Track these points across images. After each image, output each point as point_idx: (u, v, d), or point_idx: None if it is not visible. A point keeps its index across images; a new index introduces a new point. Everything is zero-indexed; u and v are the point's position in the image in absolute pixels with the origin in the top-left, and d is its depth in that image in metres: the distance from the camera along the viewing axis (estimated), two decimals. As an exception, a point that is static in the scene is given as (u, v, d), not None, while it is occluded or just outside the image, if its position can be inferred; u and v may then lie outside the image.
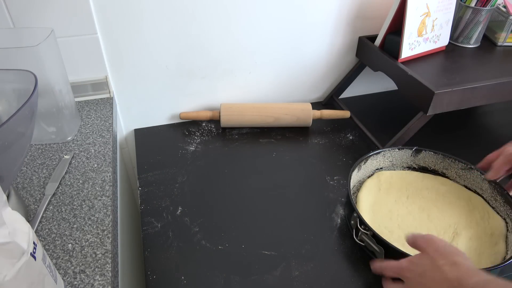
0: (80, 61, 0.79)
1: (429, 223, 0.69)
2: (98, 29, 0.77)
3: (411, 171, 0.80)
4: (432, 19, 0.87)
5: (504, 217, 0.68)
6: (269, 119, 0.93)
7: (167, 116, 0.97)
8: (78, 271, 0.50)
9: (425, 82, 0.77)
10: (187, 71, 0.91)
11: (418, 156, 0.79)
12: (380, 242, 0.60)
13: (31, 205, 0.60)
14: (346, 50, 1.00)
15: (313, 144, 0.92)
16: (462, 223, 0.68)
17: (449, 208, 0.71)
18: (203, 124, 0.97)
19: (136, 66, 0.86)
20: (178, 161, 0.85)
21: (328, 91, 1.08)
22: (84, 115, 0.80)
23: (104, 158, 0.69)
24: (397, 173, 0.79)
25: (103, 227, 0.56)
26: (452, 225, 0.68)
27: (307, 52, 0.97)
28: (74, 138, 0.74)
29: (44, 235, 0.55)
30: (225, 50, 0.90)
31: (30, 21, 0.71)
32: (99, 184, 0.64)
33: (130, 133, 0.97)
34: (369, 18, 0.96)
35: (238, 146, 0.90)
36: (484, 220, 0.69)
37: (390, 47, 0.88)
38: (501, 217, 0.69)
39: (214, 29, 0.86)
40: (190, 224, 0.70)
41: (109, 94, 0.86)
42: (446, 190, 0.75)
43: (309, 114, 0.94)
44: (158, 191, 0.77)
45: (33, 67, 0.51)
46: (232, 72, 0.95)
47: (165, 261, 0.64)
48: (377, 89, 1.13)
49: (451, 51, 0.95)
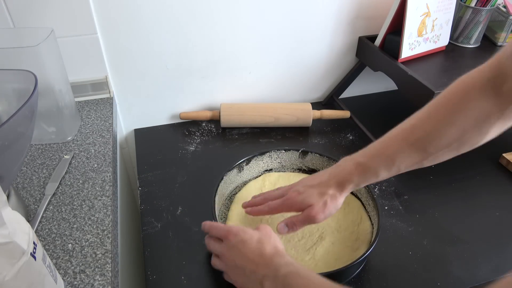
0: (80, 61, 0.79)
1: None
2: (98, 29, 0.77)
3: (301, 173, 0.79)
4: (432, 19, 0.87)
5: (373, 222, 0.66)
6: (269, 119, 0.93)
7: (167, 116, 0.97)
8: (78, 271, 0.50)
9: (425, 82, 0.77)
10: (187, 71, 0.91)
11: (305, 158, 0.77)
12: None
13: (31, 205, 0.60)
14: (346, 50, 1.00)
15: (313, 144, 0.92)
16: (331, 227, 0.67)
17: None
18: (203, 124, 0.97)
19: (136, 66, 0.86)
20: (178, 161, 0.85)
21: (328, 91, 1.08)
22: (84, 115, 0.80)
23: (104, 158, 0.69)
24: (285, 175, 0.77)
25: (103, 227, 0.56)
26: (320, 229, 0.66)
27: (307, 52, 0.97)
28: (74, 138, 0.74)
29: (44, 235, 0.55)
30: (225, 50, 0.90)
31: (30, 21, 0.71)
32: (99, 184, 0.64)
33: (130, 133, 0.97)
34: (369, 18, 0.96)
35: (238, 146, 0.90)
36: (354, 225, 0.67)
37: (390, 47, 0.88)
38: (370, 221, 0.67)
39: (214, 29, 0.86)
40: (190, 224, 0.70)
41: (109, 94, 0.86)
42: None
43: (309, 114, 0.94)
44: (158, 191, 0.77)
45: (33, 67, 0.51)
46: (232, 72, 0.95)
47: (165, 261, 0.64)
48: (377, 89, 1.13)
49: (451, 51, 0.95)
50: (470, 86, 0.51)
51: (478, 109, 0.50)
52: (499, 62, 0.49)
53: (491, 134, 0.52)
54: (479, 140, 0.52)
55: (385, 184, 0.79)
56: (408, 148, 0.54)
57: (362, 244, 0.63)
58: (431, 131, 0.52)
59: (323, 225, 0.67)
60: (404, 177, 0.59)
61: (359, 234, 0.65)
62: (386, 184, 0.79)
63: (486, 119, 0.50)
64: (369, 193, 0.67)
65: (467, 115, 0.50)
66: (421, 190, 0.79)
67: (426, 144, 0.53)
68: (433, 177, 0.81)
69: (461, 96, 0.51)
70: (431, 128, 0.52)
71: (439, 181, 0.81)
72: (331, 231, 0.66)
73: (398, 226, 0.71)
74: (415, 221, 0.72)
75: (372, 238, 0.63)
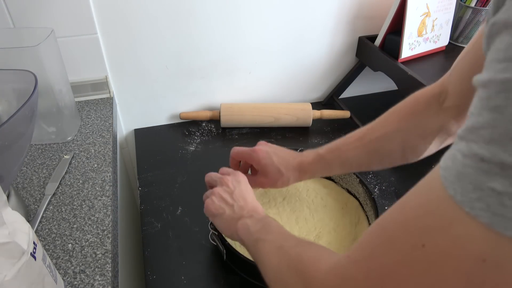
0: (80, 61, 0.79)
1: (295, 225, 0.66)
2: (98, 29, 0.77)
3: None
4: (432, 19, 0.87)
5: (371, 222, 0.66)
6: (269, 119, 0.93)
7: (167, 116, 0.97)
8: (78, 271, 0.50)
9: (425, 82, 0.77)
10: (187, 71, 0.91)
11: None
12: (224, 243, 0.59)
13: (31, 205, 0.60)
14: (346, 50, 1.00)
15: (313, 144, 0.92)
16: (329, 227, 0.66)
17: (323, 211, 0.69)
18: (203, 124, 0.97)
19: (136, 66, 0.86)
20: (178, 161, 0.85)
21: (328, 91, 1.08)
22: (84, 115, 0.80)
23: (104, 158, 0.69)
24: None
25: (103, 227, 0.56)
26: (317, 228, 0.66)
27: (307, 52, 0.97)
28: (74, 138, 0.74)
29: (44, 235, 0.55)
30: (225, 50, 0.90)
31: (30, 21, 0.71)
32: (99, 184, 0.64)
33: (130, 133, 0.97)
34: (369, 18, 0.96)
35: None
36: (352, 225, 0.67)
37: (390, 47, 0.88)
38: (368, 222, 0.66)
39: (214, 29, 0.86)
40: (190, 224, 0.70)
41: (109, 94, 0.86)
42: (326, 192, 0.72)
43: (309, 114, 0.94)
44: (158, 191, 0.77)
45: (33, 67, 0.51)
46: (232, 72, 0.95)
47: (165, 261, 0.64)
48: (377, 89, 1.13)
49: (451, 51, 0.95)
50: (419, 98, 0.55)
51: (423, 121, 0.53)
52: (444, 79, 0.52)
53: (435, 146, 0.54)
54: (422, 150, 0.55)
55: (385, 184, 0.79)
56: (361, 147, 0.57)
57: None
58: (381, 134, 0.56)
59: (320, 224, 0.67)
60: (404, 177, 0.59)
61: (357, 234, 0.65)
62: (386, 184, 0.79)
63: (429, 131, 0.53)
64: (367, 193, 0.67)
65: (413, 124, 0.54)
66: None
67: (376, 146, 0.56)
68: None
69: (411, 106, 0.55)
70: (381, 131, 0.56)
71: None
72: (328, 231, 0.66)
73: (398, 226, 0.71)
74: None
75: None
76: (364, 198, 0.69)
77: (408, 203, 0.28)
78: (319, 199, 0.71)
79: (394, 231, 0.27)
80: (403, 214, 0.27)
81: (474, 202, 0.22)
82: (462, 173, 0.23)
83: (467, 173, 0.22)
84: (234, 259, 0.60)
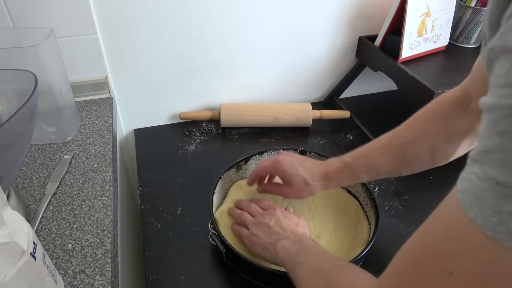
0: (80, 61, 0.79)
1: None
2: (98, 29, 0.77)
3: None
4: (432, 19, 0.87)
5: (370, 222, 0.65)
6: (269, 119, 0.93)
7: (167, 116, 0.97)
8: (78, 271, 0.50)
9: (425, 82, 0.77)
10: (187, 71, 0.91)
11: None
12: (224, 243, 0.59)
13: (31, 205, 0.60)
14: (346, 50, 1.00)
15: (313, 144, 0.92)
16: (328, 227, 0.66)
17: (322, 211, 0.69)
18: (203, 124, 0.97)
19: (136, 66, 0.86)
20: (178, 161, 0.85)
21: (328, 91, 1.08)
22: (84, 115, 0.80)
23: (104, 158, 0.69)
24: None
25: (103, 227, 0.56)
26: (317, 228, 0.66)
27: (307, 52, 0.97)
28: (74, 138, 0.74)
29: (44, 235, 0.55)
30: (225, 50, 0.90)
31: (30, 21, 0.71)
32: (99, 184, 0.64)
33: (130, 133, 0.97)
34: (369, 18, 0.96)
35: (238, 146, 0.90)
36: (352, 225, 0.67)
37: (390, 47, 0.88)
38: (368, 222, 0.66)
39: (214, 29, 0.86)
40: (190, 224, 0.70)
41: (109, 94, 0.86)
42: (326, 192, 0.70)
43: (309, 114, 0.94)
44: (158, 191, 0.77)
45: (33, 67, 0.51)
46: (232, 72, 0.95)
47: (165, 261, 0.64)
48: (377, 89, 1.13)
49: (451, 51, 0.95)
50: (444, 102, 0.55)
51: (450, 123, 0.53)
52: (466, 82, 0.52)
53: (464, 148, 0.54)
54: (451, 153, 0.55)
55: (385, 184, 0.79)
56: (388, 153, 0.57)
57: (359, 244, 0.63)
58: (408, 139, 0.56)
59: (320, 225, 0.67)
60: (404, 177, 0.59)
61: (356, 234, 0.65)
62: (386, 184, 0.79)
63: (457, 133, 0.53)
64: (367, 192, 0.67)
65: (440, 127, 0.54)
66: (421, 190, 0.79)
67: (403, 151, 0.56)
68: (433, 177, 0.81)
69: (436, 109, 0.55)
70: (408, 136, 0.56)
71: (439, 181, 0.80)
72: (328, 231, 0.66)
73: (398, 226, 0.71)
74: (415, 221, 0.72)
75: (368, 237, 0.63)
76: (364, 198, 0.69)
77: (430, 228, 0.28)
78: (319, 199, 0.71)
79: (419, 257, 0.27)
80: (426, 239, 0.28)
81: (495, 226, 0.22)
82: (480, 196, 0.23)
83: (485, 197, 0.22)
84: (234, 259, 0.60)
